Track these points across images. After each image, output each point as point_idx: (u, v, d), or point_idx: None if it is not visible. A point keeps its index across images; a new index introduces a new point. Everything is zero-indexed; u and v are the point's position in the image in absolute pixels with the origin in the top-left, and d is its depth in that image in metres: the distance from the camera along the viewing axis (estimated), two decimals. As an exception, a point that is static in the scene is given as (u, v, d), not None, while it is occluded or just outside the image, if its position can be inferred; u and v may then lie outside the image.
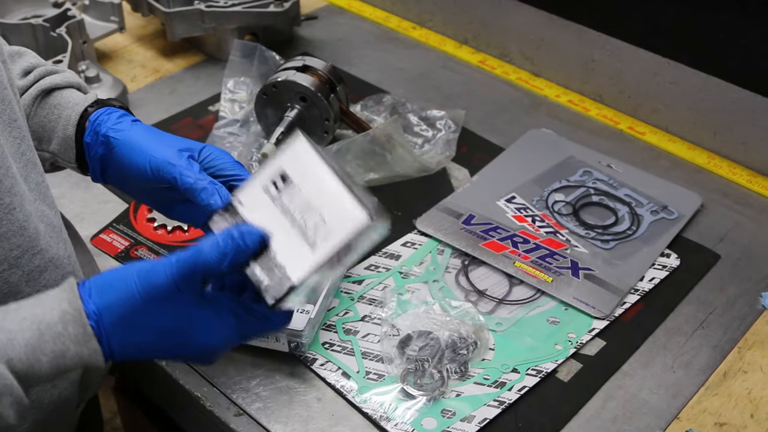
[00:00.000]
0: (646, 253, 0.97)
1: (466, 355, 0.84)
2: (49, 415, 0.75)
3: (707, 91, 1.10)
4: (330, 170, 0.66)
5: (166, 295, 0.64)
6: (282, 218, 0.66)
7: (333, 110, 1.07)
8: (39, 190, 0.73)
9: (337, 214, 0.65)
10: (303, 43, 1.36)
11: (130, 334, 0.64)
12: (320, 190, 0.65)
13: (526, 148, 1.13)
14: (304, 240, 0.65)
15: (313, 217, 0.65)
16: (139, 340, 0.65)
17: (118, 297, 0.64)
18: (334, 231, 0.64)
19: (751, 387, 0.84)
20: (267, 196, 0.67)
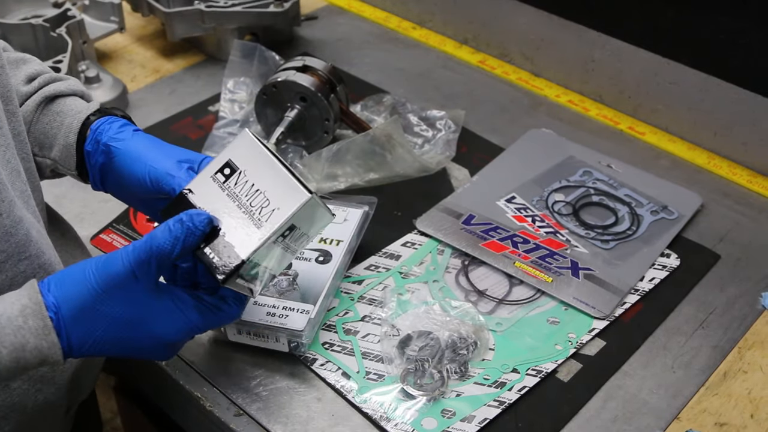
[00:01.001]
0: (646, 253, 0.97)
1: (466, 355, 0.84)
2: (34, 419, 0.75)
3: (707, 91, 1.10)
4: (274, 158, 0.71)
5: (123, 283, 0.66)
6: (230, 202, 0.70)
7: (333, 110, 1.07)
8: (23, 199, 0.73)
9: (281, 194, 0.70)
10: (303, 43, 1.36)
11: (89, 325, 0.65)
12: (264, 175, 0.70)
13: (526, 148, 1.13)
14: (250, 221, 0.69)
15: (258, 199, 0.70)
16: (98, 333, 0.66)
17: (76, 288, 0.65)
18: (278, 209, 0.69)
19: (751, 387, 0.84)
20: (216, 185, 0.71)
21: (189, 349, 0.86)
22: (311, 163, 1.02)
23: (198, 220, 0.68)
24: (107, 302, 0.66)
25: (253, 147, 0.72)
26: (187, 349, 0.86)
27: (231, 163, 0.72)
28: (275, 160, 0.71)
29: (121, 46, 1.35)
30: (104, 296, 0.65)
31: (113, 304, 0.66)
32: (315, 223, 0.73)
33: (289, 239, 0.71)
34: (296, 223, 0.70)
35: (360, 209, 0.96)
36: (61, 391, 0.77)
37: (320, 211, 0.72)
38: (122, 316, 0.66)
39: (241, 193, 0.70)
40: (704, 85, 1.10)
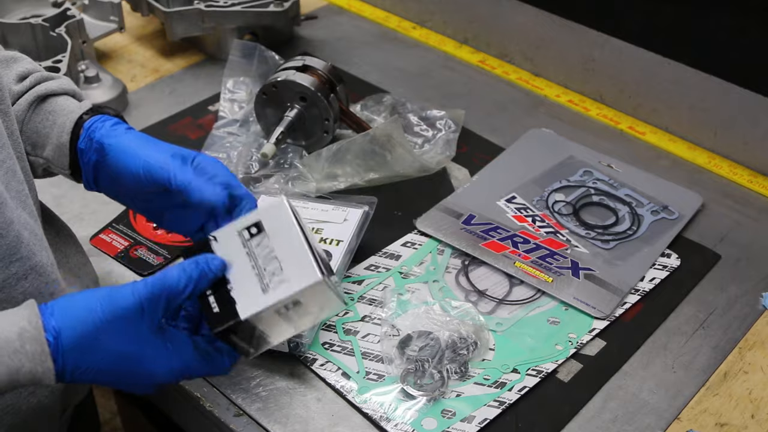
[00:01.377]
0: (646, 253, 0.97)
1: (466, 356, 0.84)
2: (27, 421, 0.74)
3: (707, 90, 1.10)
4: (301, 232, 0.72)
5: (130, 317, 0.66)
6: (246, 260, 0.71)
7: (333, 110, 1.07)
8: (19, 198, 0.73)
9: (295, 267, 0.70)
10: (303, 43, 1.35)
11: (87, 355, 0.65)
12: (287, 245, 0.71)
13: (526, 148, 1.13)
14: (259, 284, 0.70)
15: (273, 265, 0.70)
16: (94, 363, 0.66)
17: (80, 316, 0.65)
18: (287, 281, 0.70)
19: (751, 387, 0.84)
20: (239, 240, 0.72)
21: (189, 349, 0.86)
22: (311, 163, 1.02)
23: (213, 264, 0.69)
24: (110, 335, 0.65)
25: (284, 215, 0.72)
26: (186, 349, 0.86)
27: (260, 224, 0.72)
28: (301, 234, 0.71)
29: (121, 46, 1.35)
30: (108, 328, 0.65)
31: (115, 337, 0.66)
32: (324, 307, 0.74)
33: (294, 313, 0.71)
34: (303, 300, 0.70)
35: (360, 209, 0.96)
36: (55, 394, 0.77)
37: (330, 297, 0.72)
38: (122, 350, 0.66)
39: (259, 255, 0.71)
40: (704, 85, 1.10)
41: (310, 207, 0.96)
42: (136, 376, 0.68)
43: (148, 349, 0.67)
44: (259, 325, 0.71)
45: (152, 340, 0.67)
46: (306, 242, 0.71)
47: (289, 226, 0.72)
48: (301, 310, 0.71)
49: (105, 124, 0.80)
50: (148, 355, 0.67)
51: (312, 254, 0.70)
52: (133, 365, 0.67)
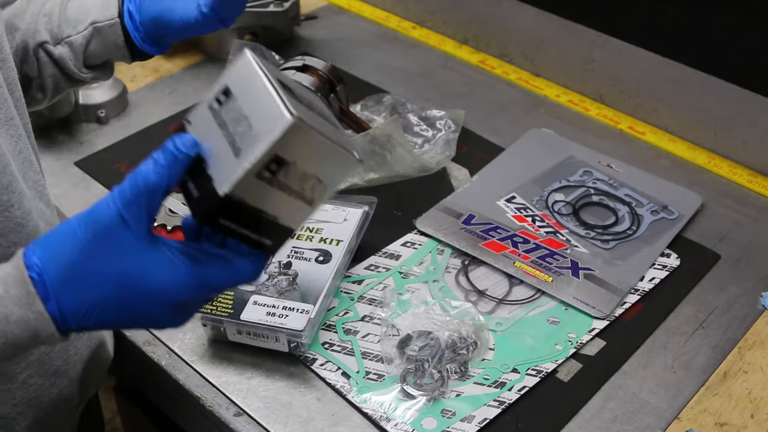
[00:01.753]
0: (646, 253, 0.97)
1: (466, 355, 0.84)
2: (49, 413, 0.75)
3: (707, 90, 1.10)
4: (267, 80, 0.60)
5: (112, 231, 0.58)
6: (219, 133, 0.60)
7: (333, 110, 1.07)
8: (36, 189, 0.73)
9: (263, 119, 0.58)
10: (303, 43, 1.36)
11: (80, 285, 0.58)
12: (253, 100, 0.60)
13: (526, 148, 1.13)
14: (232, 151, 0.59)
15: (242, 125, 0.59)
16: (92, 295, 0.58)
17: (61, 244, 0.58)
18: (258, 136, 0.58)
19: (751, 387, 0.84)
20: (210, 114, 0.62)
21: (189, 349, 0.86)
22: (311, 163, 1.02)
23: (181, 143, 0.59)
24: (97, 257, 0.58)
25: (249, 69, 0.61)
26: (187, 349, 0.86)
27: (227, 89, 0.61)
28: (267, 82, 0.60)
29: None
30: (93, 249, 0.58)
31: (104, 257, 0.58)
32: (326, 162, 0.61)
33: (291, 179, 0.59)
34: (287, 155, 0.58)
35: (360, 209, 0.96)
36: (73, 384, 0.77)
37: (323, 144, 0.59)
38: (115, 269, 0.58)
39: (229, 120, 0.60)
40: (704, 85, 1.10)
41: (310, 207, 0.96)
42: (144, 300, 0.59)
43: (145, 261, 0.59)
44: (253, 203, 0.59)
45: (147, 251, 0.59)
46: (273, 88, 0.59)
47: (255, 78, 0.60)
48: (297, 172, 0.59)
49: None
50: (148, 269, 0.59)
51: (279, 97, 0.58)
52: (134, 286, 0.59)
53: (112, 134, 1.16)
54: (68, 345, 0.78)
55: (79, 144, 1.14)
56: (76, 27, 0.83)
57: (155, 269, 0.59)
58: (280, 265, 0.89)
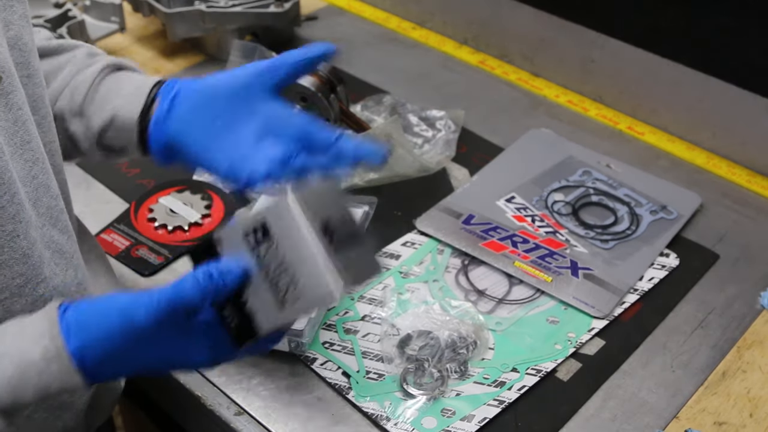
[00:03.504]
0: (645, 253, 0.97)
1: (466, 355, 0.84)
2: None
3: (707, 91, 1.10)
4: (313, 231, 0.65)
5: (148, 335, 0.63)
6: (255, 266, 0.66)
7: (333, 110, 1.07)
8: (50, 215, 0.71)
9: (311, 280, 0.64)
10: (303, 43, 1.36)
11: (115, 368, 0.65)
12: (299, 251, 0.65)
13: (526, 148, 1.13)
14: (273, 296, 0.65)
15: (286, 277, 0.65)
16: (125, 371, 0.68)
17: (98, 336, 0.63)
18: (303, 296, 0.65)
19: (750, 386, 0.84)
20: (245, 244, 0.66)
21: (189, 349, 0.86)
22: (311, 163, 1.02)
23: (229, 279, 0.64)
24: (132, 350, 0.64)
25: (293, 209, 0.66)
26: (187, 349, 0.86)
27: (266, 225, 0.66)
28: (314, 234, 0.65)
29: (122, 47, 1.35)
30: (129, 346, 0.63)
31: (138, 352, 0.64)
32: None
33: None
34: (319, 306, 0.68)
35: (360, 209, 0.96)
36: (79, 416, 0.77)
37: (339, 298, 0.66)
38: (147, 360, 0.65)
39: (270, 262, 0.65)
40: (704, 85, 1.10)
41: (311, 207, 0.96)
42: (173, 369, 0.71)
43: (176, 351, 0.66)
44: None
45: (179, 343, 0.65)
46: (320, 244, 0.65)
47: (299, 224, 0.65)
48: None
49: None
50: (179, 356, 0.66)
51: (328, 260, 0.64)
52: (166, 365, 0.68)
53: (113, 134, 1.16)
54: None
55: (80, 144, 1.14)
56: (100, 111, 0.78)
57: (187, 354, 0.66)
58: (281, 265, 0.89)
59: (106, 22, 1.30)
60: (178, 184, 1.06)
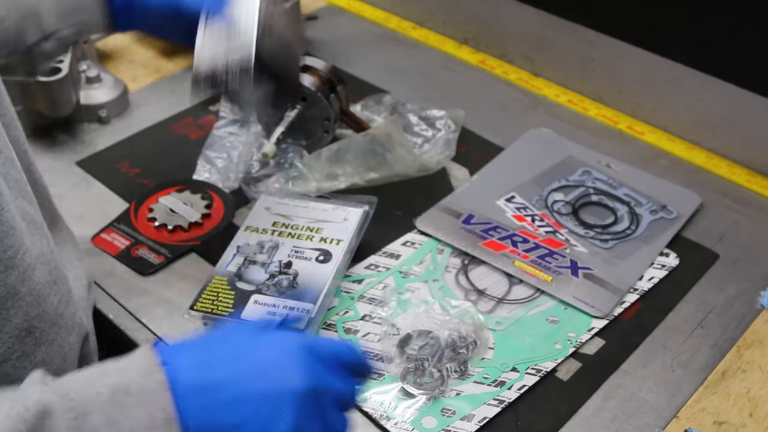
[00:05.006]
0: (645, 253, 0.97)
1: (466, 354, 0.84)
2: None
3: (707, 91, 1.10)
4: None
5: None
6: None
7: (333, 110, 1.07)
8: (19, 188, 0.73)
9: (246, 36, 0.85)
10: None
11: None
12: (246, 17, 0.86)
13: (526, 147, 1.13)
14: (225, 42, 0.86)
15: (234, 27, 0.86)
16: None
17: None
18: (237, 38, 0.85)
19: (750, 386, 0.84)
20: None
21: (190, 348, 0.86)
22: (311, 163, 1.02)
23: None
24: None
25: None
26: (187, 348, 0.86)
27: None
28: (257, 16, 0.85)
29: (122, 46, 1.35)
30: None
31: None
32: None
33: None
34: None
35: (360, 209, 0.96)
36: None
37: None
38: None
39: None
40: (704, 85, 1.10)
41: (310, 207, 0.96)
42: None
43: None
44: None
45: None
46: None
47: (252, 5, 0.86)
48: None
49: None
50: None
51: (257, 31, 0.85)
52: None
53: (114, 134, 1.16)
54: (59, 344, 0.77)
55: (81, 144, 1.14)
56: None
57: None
58: (281, 265, 0.89)
59: (106, 22, 1.30)
60: (178, 183, 1.06)
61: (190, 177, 1.07)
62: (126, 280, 0.94)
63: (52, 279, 0.74)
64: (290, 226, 0.94)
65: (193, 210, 1.02)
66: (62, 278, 0.76)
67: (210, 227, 1.00)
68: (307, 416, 0.55)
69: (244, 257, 0.90)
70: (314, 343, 0.58)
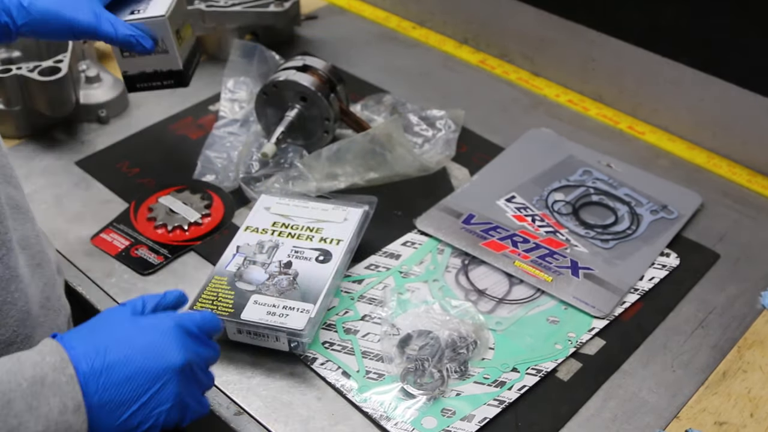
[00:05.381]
0: (645, 253, 0.97)
1: (466, 355, 0.84)
2: None
3: (707, 90, 1.10)
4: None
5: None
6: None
7: (333, 110, 1.07)
8: (3, 173, 0.74)
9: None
10: (303, 43, 1.36)
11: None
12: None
13: (526, 147, 1.13)
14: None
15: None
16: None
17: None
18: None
19: (750, 386, 0.84)
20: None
21: (189, 349, 0.86)
22: (311, 163, 1.02)
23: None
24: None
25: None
26: (187, 349, 0.86)
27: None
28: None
29: None
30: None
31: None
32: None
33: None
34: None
35: (360, 209, 0.96)
36: None
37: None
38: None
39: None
40: (704, 85, 1.10)
41: (310, 207, 0.96)
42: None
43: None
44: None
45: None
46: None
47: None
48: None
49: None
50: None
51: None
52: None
53: (113, 134, 1.16)
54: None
55: (80, 144, 1.14)
56: None
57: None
58: (281, 265, 0.89)
59: (106, 22, 1.29)
60: (178, 183, 1.06)
61: (190, 177, 1.07)
62: (126, 280, 0.94)
63: (35, 263, 0.75)
64: (290, 226, 0.94)
65: (193, 210, 1.01)
66: (46, 261, 0.78)
67: (210, 227, 1.00)
68: (186, 383, 0.68)
69: (244, 257, 0.90)
70: (183, 321, 0.70)
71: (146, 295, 0.73)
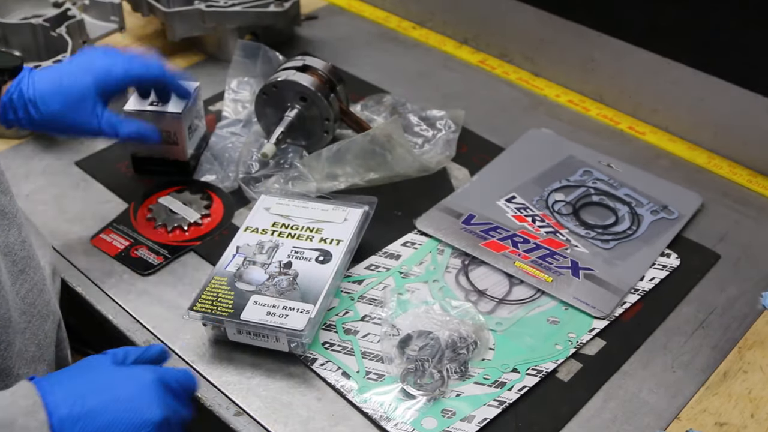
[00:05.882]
0: (646, 253, 0.97)
1: (466, 355, 0.84)
2: None
3: (707, 91, 1.10)
4: None
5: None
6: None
7: (333, 110, 1.07)
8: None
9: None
10: (303, 43, 1.36)
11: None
12: None
13: (526, 148, 1.13)
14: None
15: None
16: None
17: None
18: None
19: (751, 387, 0.84)
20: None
21: (189, 349, 0.86)
22: (311, 163, 1.02)
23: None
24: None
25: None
26: (187, 349, 0.86)
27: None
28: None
29: (121, 46, 1.35)
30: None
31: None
32: None
33: None
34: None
35: (360, 209, 0.96)
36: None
37: None
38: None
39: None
40: (704, 85, 1.10)
41: (310, 207, 0.96)
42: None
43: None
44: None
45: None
46: None
47: None
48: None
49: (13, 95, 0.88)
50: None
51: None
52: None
53: (113, 134, 1.16)
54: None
55: (80, 144, 1.14)
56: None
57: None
58: (281, 265, 0.89)
59: (106, 22, 1.29)
60: (178, 184, 1.05)
61: (190, 177, 1.07)
62: (125, 280, 0.94)
63: (18, 269, 0.74)
64: (290, 226, 0.94)
65: (193, 210, 1.01)
66: (34, 267, 0.77)
67: (209, 228, 1.00)
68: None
69: (243, 258, 0.90)
70: (163, 377, 0.70)
71: (129, 347, 0.73)
